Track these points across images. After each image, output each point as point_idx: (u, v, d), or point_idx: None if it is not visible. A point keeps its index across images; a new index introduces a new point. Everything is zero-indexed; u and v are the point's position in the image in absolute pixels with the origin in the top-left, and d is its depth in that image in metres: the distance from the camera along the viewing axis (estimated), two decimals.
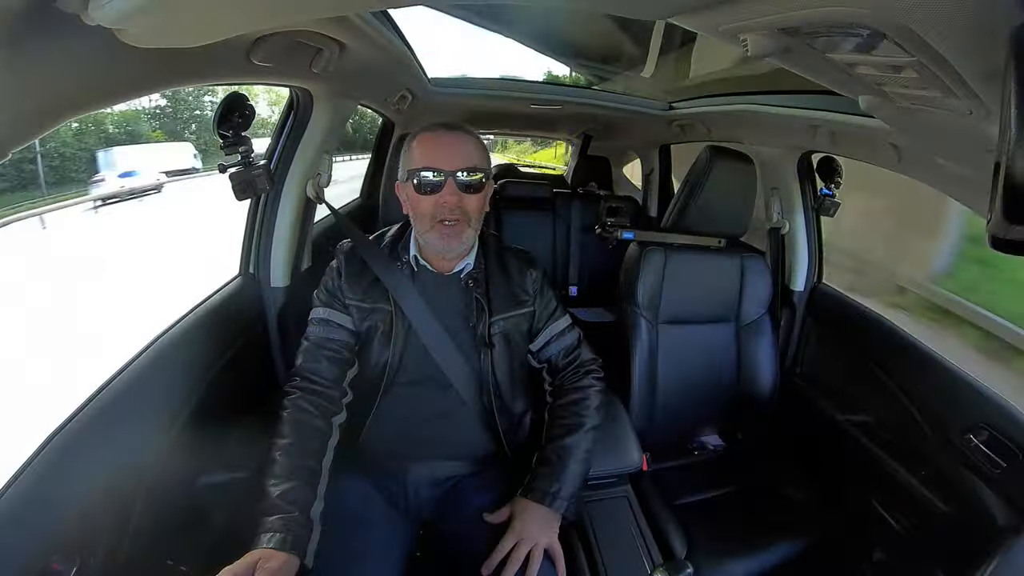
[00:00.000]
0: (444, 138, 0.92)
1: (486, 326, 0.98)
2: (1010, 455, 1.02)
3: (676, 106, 1.95)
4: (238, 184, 0.97)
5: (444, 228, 0.91)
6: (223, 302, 1.14)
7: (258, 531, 0.72)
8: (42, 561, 0.60)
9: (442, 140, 0.92)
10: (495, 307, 1.00)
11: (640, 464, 1.09)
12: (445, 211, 0.90)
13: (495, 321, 0.99)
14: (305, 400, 0.90)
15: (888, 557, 1.25)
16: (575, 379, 1.05)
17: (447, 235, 0.91)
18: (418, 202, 0.91)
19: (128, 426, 0.79)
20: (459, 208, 0.90)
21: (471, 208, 0.92)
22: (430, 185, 0.89)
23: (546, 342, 1.07)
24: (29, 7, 0.42)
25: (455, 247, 0.94)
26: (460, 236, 0.93)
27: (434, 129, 0.94)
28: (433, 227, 0.91)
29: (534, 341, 1.07)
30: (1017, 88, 0.28)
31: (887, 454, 1.20)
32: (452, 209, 0.89)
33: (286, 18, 0.69)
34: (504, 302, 1.01)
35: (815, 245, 1.61)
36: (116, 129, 12.29)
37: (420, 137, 0.93)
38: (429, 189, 0.90)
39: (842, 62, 0.51)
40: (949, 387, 1.18)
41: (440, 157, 0.89)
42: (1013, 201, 0.30)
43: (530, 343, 1.07)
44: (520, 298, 1.03)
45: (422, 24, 2.31)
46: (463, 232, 0.93)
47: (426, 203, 0.90)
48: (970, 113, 0.50)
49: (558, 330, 1.07)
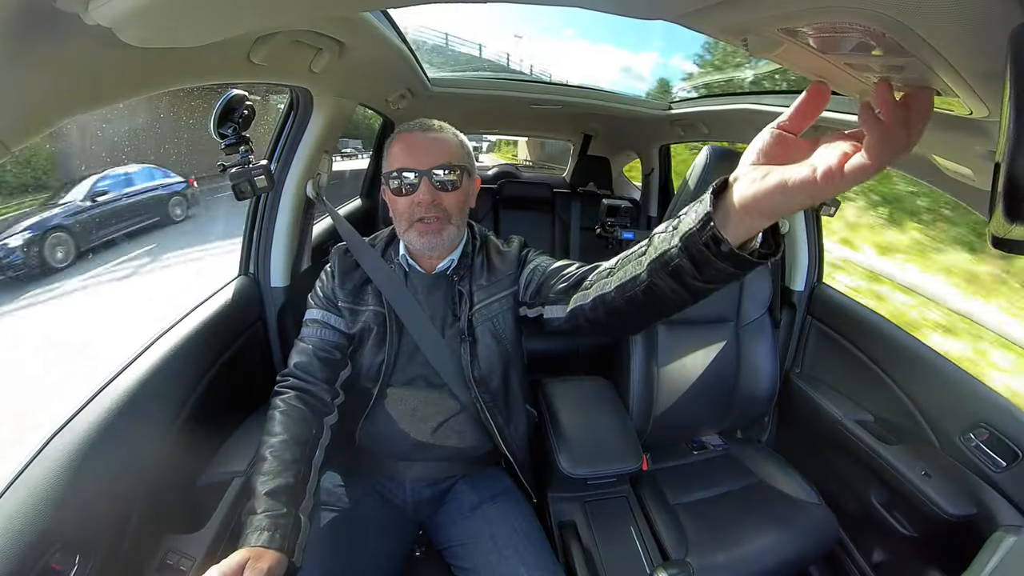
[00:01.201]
0: (419, 137, 0.91)
1: (467, 318, 0.97)
2: (1010, 455, 1.02)
3: (676, 106, 1.94)
4: (238, 184, 0.97)
5: (422, 227, 0.90)
6: (223, 302, 1.14)
7: (246, 529, 0.72)
8: (42, 561, 0.60)
9: (417, 139, 0.90)
10: (476, 296, 0.98)
11: (640, 464, 1.09)
12: (421, 210, 0.89)
13: (477, 309, 0.97)
14: (297, 399, 0.90)
15: (888, 557, 1.25)
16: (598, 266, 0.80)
17: (425, 233, 0.90)
18: (395, 203, 0.91)
19: (128, 426, 0.79)
20: (436, 206, 0.89)
21: (449, 205, 0.90)
22: (405, 185, 0.89)
23: (541, 280, 0.92)
24: (29, 7, 0.42)
25: (436, 244, 0.92)
26: (440, 234, 0.91)
27: (411, 128, 0.93)
28: (411, 226, 0.91)
29: (539, 294, 0.92)
30: (1017, 88, 0.28)
31: (887, 454, 1.19)
32: (428, 207, 0.88)
33: (286, 18, 0.69)
34: (485, 289, 0.98)
35: (815, 245, 1.61)
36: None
37: (397, 137, 0.92)
38: (404, 190, 0.89)
39: (842, 62, 0.51)
40: (949, 387, 1.18)
41: (415, 156, 0.88)
42: (1013, 201, 0.30)
43: (520, 327, 0.99)
44: (502, 281, 0.98)
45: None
46: (443, 230, 0.91)
47: (402, 203, 0.90)
48: (970, 113, 0.50)
49: (560, 263, 0.92)
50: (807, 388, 1.51)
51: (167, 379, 0.90)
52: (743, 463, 1.44)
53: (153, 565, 0.78)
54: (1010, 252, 0.33)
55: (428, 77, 1.60)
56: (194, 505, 0.90)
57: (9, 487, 0.63)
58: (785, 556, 1.14)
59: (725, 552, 1.12)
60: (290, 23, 0.75)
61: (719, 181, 0.51)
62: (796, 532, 1.19)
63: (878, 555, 1.28)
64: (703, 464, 1.46)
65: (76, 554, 0.65)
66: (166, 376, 0.89)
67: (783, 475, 1.37)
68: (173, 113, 8.56)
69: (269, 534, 0.71)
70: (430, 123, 0.94)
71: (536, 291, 0.93)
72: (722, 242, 0.50)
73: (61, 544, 0.63)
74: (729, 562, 1.10)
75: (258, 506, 0.74)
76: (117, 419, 0.77)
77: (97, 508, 0.71)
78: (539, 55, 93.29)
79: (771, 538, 1.17)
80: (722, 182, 0.51)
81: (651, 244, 0.63)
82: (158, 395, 0.87)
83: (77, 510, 0.67)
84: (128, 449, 0.79)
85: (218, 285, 1.21)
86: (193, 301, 1.10)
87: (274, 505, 0.75)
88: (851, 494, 1.33)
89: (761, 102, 1.42)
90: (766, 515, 1.23)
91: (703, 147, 1.40)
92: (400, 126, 0.95)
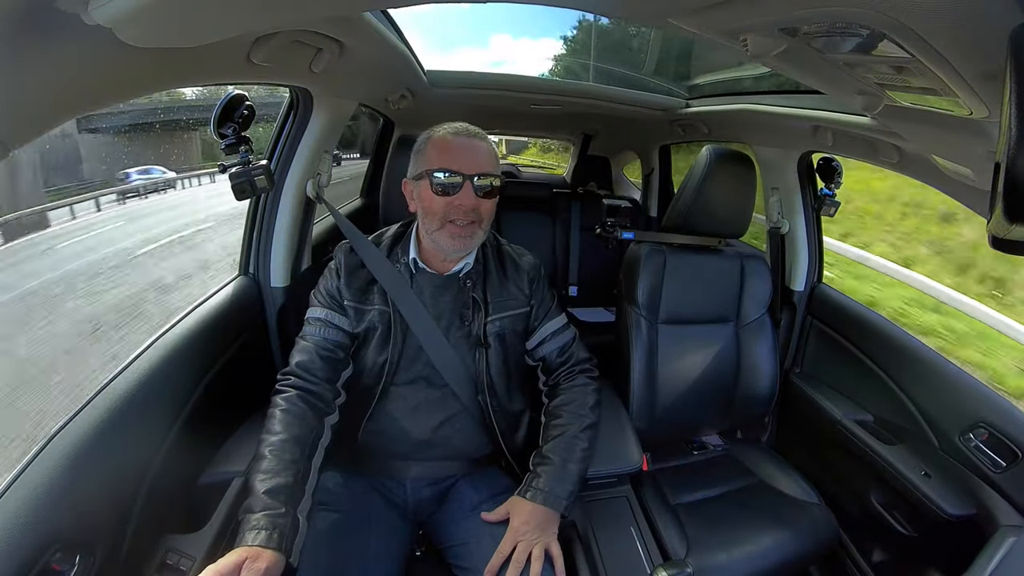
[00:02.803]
0: (464, 142, 0.93)
1: (482, 325, 0.98)
2: (1010, 455, 1.02)
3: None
4: (238, 184, 0.97)
5: (455, 229, 0.91)
6: (223, 302, 1.14)
7: (243, 528, 0.71)
8: (42, 561, 0.60)
9: (462, 143, 0.93)
10: (492, 306, 1.00)
11: (640, 464, 1.09)
12: (459, 213, 0.90)
13: (491, 320, 0.99)
14: (298, 398, 0.90)
15: (888, 557, 1.25)
16: (569, 378, 1.06)
17: (458, 236, 0.92)
18: (431, 201, 0.92)
19: (128, 425, 0.79)
20: (474, 211, 0.91)
21: (485, 211, 0.94)
22: (447, 186, 0.90)
23: (541, 340, 1.07)
24: (29, 7, 0.42)
25: (465, 248, 0.95)
26: (472, 238, 0.94)
27: (454, 131, 0.94)
28: (443, 226, 0.92)
29: (530, 339, 1.07)
30: (1017, 88, 0.28)
31: (887, 454, 1.19)
32: (468, 212, 0.91)
33: (286, 18, 0.69)
34: (501, 301, 1.01)
35: (815, 245, 1.61)
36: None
37: (438, 138, 0.94)
38: (445, 190, 0.90)
39: (842, 62, 0.51)
40: (949, 387, 1.18)
41: (459, 160, 0.90)
42: (1013, 201, 0.30)
43: (525, 341, 1.07)
44: (517, 297, 1.04)
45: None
46: (475, 234, 0.94)
47: (439, 203, 0.91)
48: (970, 113, 0.50)
49: (553, 328, 1.07)
50: (807, 388, 1.51)
51: (167, 379, 0.90)
52: (743, 463, 1.44)
53: (153, 565, 0.77)
54: (1010, 252, 0.33)
55: (425, 71, 1.58)
56: (194, 505, 0.90)
57: (9, 487, 0.63)
58: (785, 556, 1.14)
59: (725, 552, 1.12)
60: (290, 23, 0.75)
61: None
62: (796, 532, 1.19)
63: (878, 555, 1.27)
64: (703, 464, 1.46)
65: (76, 554, 0.65)
66: (166, 376, 0.89)
67: (783, 475, 1.37)
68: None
69: (267, 533, 0.70)
70: (472, 128, 0.96)
71: (529, 335, 1.08)
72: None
73: (61, 544, 0.63)
74: (729, 562, 1.10)
75: (256, 505, 0.74)
76: (117, 419, 0.77)
77: (97, 508, 0.70)
78: (540, 51, 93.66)
79: (771, 538, 1.17)
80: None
81: (554, 434, 0.97)
82: (158, 395, 0.87)
83: (77, 510, 0.67)
84: (128, 449, 0.78)
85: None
86: (192, 301, 1.10)
87: (272, 504, 0.74)
88: (851, 494, 1.33)
89: (761, 102, 1.42)
90: (766, 515, 1.23)
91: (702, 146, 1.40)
92: (438, 127, 0.97)
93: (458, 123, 0.97)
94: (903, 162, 1.15)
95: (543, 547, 0.83)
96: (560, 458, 0.93)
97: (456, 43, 13.28)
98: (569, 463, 0.92)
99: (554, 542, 0.85)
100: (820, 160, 1.47)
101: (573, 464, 0.93)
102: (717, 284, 1.45)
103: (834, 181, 1.47)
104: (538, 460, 0.94)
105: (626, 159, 3.23)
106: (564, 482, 0.90)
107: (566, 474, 0.91)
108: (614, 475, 1.08)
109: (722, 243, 1.49)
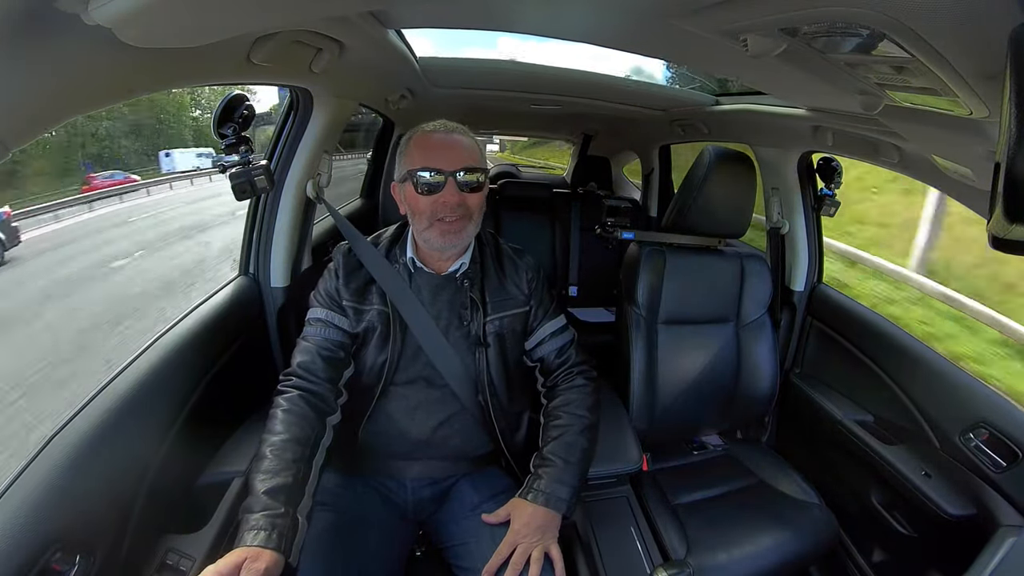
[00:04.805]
0: (443, 138, 0.93)
1: (481, 325, 0.98)
2: (1010, 455, 1.02)
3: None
4: (238, 184, 0.97)
5: (444, 226, 0.91)
6: (223, 302, 1.14)
7: (243, 528, 0.71)
8: (42, 561, 0.60)
9: (441, 140, 0.92)
10: (490, 306, 1.00)
11: (640, 464, 1.09)
12: (446, 210, 0.90)
13: (490, 320, 0.99)
14: (300, 398, 0.90)
15: (888, 557, 1.25)
16: (567, 379, 1.06)
17: (448, 232, 0.92)
18: (416, 201, 0.92)
19: (128, 425, 0.79)
20: (461, 206, 0.91)
21: (473, 205, 0.94)
22: (430, 185, 0.90)
23: (540, 341, 1.07)
24: (29, 7, 0.42)
25: (456, 243, 0.95)
26: (461, 233, 0.94)
27: (432, 128, 0.94)
28: (432, 224, 0.92)
29: (528, 339, 1.07)
30: (1017, 88, 0.28)
31: (887, 454, 1.19)
32: (454, 208, 0.90)
33: (286, 18, 0.69)
34: (499, 301, 1.01)
35: (815, 245, 1.61)
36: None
37: (418, 137, 0.94)
38: (428, 189, 0.90)
39: (842, 62, 0.51)
40: (949, 387, 1.18)
41: (439, 157, 0.90)
42: (1013, 201, 0.30)
43: (524, 341, 1.07)
44: (516, 297, 1.04)
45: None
46: (464, 228, 0.94)
47: (424, 202, 0.91)
48: (970, 113, 0.50)
49: (552, 329, 1.07)
50: (807, 388, 1.51)
51: (167, 379, 0.90)
52: (743, 463, 1.44)
53: (153, 565, 0.77)
54: (1010, 252, 0.33)
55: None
56: (194, 505, 0.89)
57: (9, 487, 0.63)
58: (785, 556, 1.14)
59: (725, 552, 1.12)
60: (290, 23, 0.75)
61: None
62: (796, 532, 1.19)
63: (878, 555, 1.27)
64: (703, 464, 1.46)
65: (76, 554, 0.65)
66: (166, 376, 0.89)
67: (783, 475, 1.37)
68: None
69: (266, 534, 0.70)
70: (451, 124, 0.96)
71: (528, 336, 1.08)
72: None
73: (61, 544, 0.63)
74: (729, 562, 1.10)
75: (256, 505, 0.73)
76: (117, 419, 0.77)
77: (97, 508, 0.70)
78: (545, 52, 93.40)
79: (771, 538, 1.17)
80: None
81: (553, 436, 0.97)
82: (158, 395, 0.87)
83: (77, 510, 0.67)
84: (128, 449, 0.78)
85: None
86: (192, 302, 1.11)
87: (272, 504, 0.74)
88: (851, 494, 1.33)
89: (761, 102, 1.42)
90: (766, 515, 1.23)
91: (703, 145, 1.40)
92: (419, 126, 0.96)
93: (437, 120, 0.96)
94: (903, 162, 1.15)
95: (543, 550, 0.83)
96: (561, 459, 0.93)
97: (462, 44, 13.30)
98: (570, 464, 0.92)
99: (554, 545, 0.85)
100: (820, 160, 1.47)
101: (574, 465, 0.93)
102: (717, 284, 1.45)
103: (834, 181, 1.47)
104: (539, 461, 0.94)
105: (626, 159, 3.23)
106: (565, 484, 0.90)
107: (567, 476, 0.91)
108: (614, 475, 1.08)
109: (722, 243, 1.49)
